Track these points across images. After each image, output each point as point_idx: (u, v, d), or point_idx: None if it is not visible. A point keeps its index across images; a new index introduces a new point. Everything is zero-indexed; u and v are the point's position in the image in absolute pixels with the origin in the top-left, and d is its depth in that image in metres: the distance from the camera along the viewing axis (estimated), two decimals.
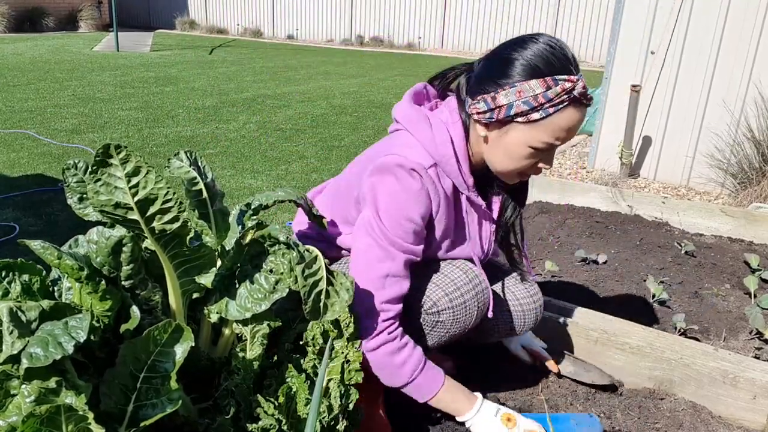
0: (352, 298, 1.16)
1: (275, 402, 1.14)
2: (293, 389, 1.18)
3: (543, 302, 1.59)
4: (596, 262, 2.56)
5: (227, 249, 1.16)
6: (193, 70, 8.89)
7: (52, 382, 0.89)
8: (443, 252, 1.42)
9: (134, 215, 1.03)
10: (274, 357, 1.29)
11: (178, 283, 1.14)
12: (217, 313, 1.17)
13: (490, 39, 13.49)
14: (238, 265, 1.20)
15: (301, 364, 1.25)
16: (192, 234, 1.10)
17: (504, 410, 1.38)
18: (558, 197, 3.36)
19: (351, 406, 1.21)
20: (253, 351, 1.20)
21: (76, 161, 1.22)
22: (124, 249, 1.11)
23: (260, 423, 1.12)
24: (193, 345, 1.01)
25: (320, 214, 1.40)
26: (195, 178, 1.15)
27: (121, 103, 6.22)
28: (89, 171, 1.01)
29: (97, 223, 1.17)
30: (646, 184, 4.14)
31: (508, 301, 1.55)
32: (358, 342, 1.26)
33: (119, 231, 1.11)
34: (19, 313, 0.92)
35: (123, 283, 1.13)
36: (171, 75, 8.32)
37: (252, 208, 1.23)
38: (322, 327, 1.24)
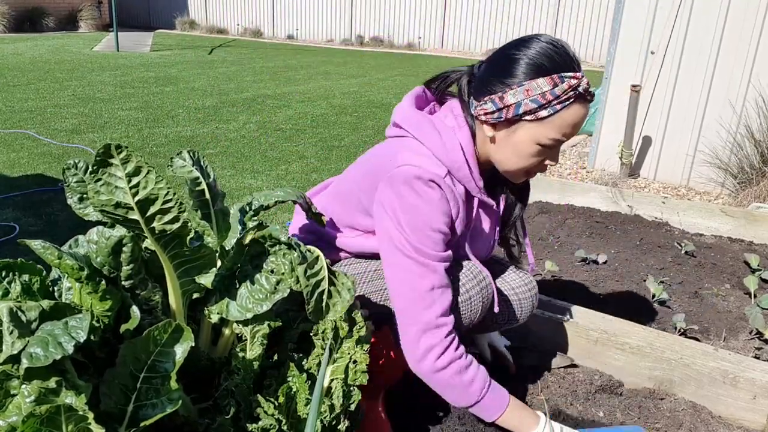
0: (354, 297, 1.16)
1: (275, 402, 1.14)
2: (294, 389, 1.18)
3: (537, 289, 1.61)
4: (596, 262, 2.56)
5: (227, 249, 1.16)
6: (193, 70, 8.89)
7: (52, 382, 0.89)
8: (455, 252, 1.42)
9: (134, 215, 1.04)
10: (275, 357, 1.29)
11: (178, 283, 1.14)
12: (218, 313, 1.17)
13: (490, 39, 13.49)
14: (239, 265, 1.20)
15: (303, 364, 1.25)
16: (192, 234, 1.11)
17: (567, 430, 1.36)
18: (558, 197, 3.36)
19: (353, 406, 1.21)
20: (253, 351, 1.20)
21: (76, 161, 1.22)
22: (124, 249, 1.11)
23: (260, 423, 1.12)
24: (193, 345, 1.01)
25: (319, 212, 1.40)
26: (198, 178, 1.15)
27: (121, 103, 6.22)
28: (90, 171, 1.01)
29: (97, 223, 1.17)
30: (646, 184, 4.14)
31: (504, 291, 1.57)
32: (367, 344, 1.24)
33: (119, 231, 1.11)
34: (19, 313, 0.92)
35: (123, 283, 1.13)
36: (171, 75, 8.32)
37: (253, 208, 1.23)
38: (334, 323, 1.23)
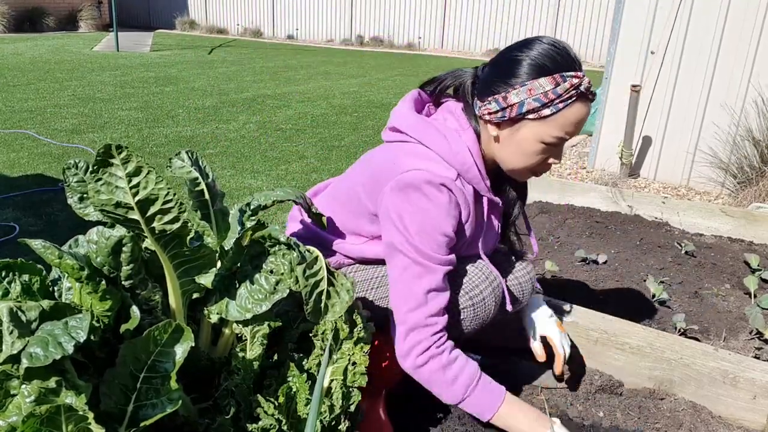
0: (353, 299, 1.16)
1: (275, 402, 1.14)
2: (294, 389, 1.18)
3: (534, 270, 1.64)
4: (596, 262, 2.56)
5: (227, 249, 1.16)
6: (193, 70, 8.89)
7: (52, 382, 0.89)
8: (463, 250, 1.43)
9: (135, 215, 1.04)
10: (275, 357, 1.29)
11: (178, 283, 1.14)
12: (218, 313, 1.17)
13: (490, 39, 13.49)
14: (238, 265, 1.20)
15: (303, 364, 1.25)
16: (192, 234, 1.11)
17: None
18: (558, 197, 3.36)
19: (353, 407, 1.21)
20: (253, 351, 1.20)
21: (76, 161, 1.22)
22: (124, 249, 1.11)
23: (260, 423, 1.12)
24: (193, 345, 1.01)
25: (319, 212, 1.40)
26: (197, 179, 1.15)
27: (121, 103, 6.22)
28: (90, 170, 1.01)
29: (97, 223, 1.17)
30: (646, 184, 4.14)
31: (506, 279, 1.58)
32: (367, 346, 1.24)
33: (119, 231, 1.11)
34: (19, 313, 0.92)
35: (123, 283, 1.13)
36: (171, 75, 8.32)
37: (251, 208, 1.23)
38: (334, 324, 1.23)
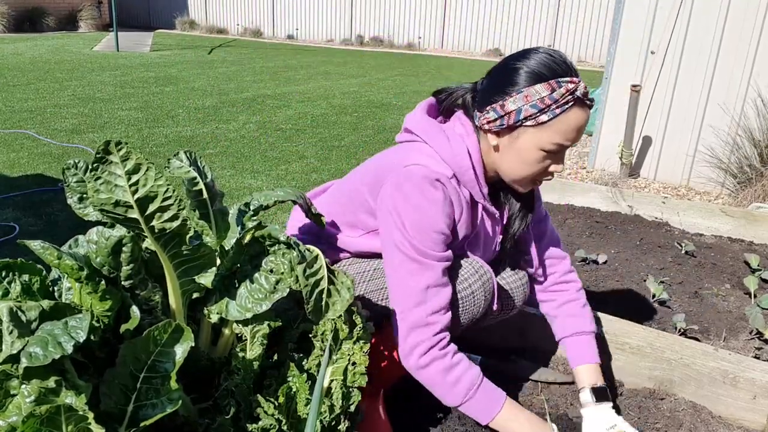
0: (354, 297, 1.16)
1: (275, 402, 1.14)
2: (294, 389, 1.18)
3: (528, 281, 1.62)
4: (596, 262, 2.56)
5: (227, 249, 1.16)
6: (193, 70, 8.89)
7: (51, 382, 0.89)
8: (455, 253, 1.42)
9: (134, 213, 1.03)
10: (275, 357, 1.29)
11: (178, 283, 1.14)
12: (218, 313, 1.17)
13: (490, 39, 13.49)
14: (238, 265, 1.20)
15: (303, 364, 1.25)
16: (192, 233, 1.10)
17: None
18: (558, 197, 3.36)
19: (353, 407, 1.21)
20: (253, 351, 1.20)
21: (76, 161, 1.22)
22: (124, 249, 1.11)
23: (260, 423, 1.12)
24: (193, 345, 1.00)
25: (318, 212, 1.40)
26: (195, 178, 1.15)
27: (121, 103, 6.22)
28: (90, 169, 1.01)
29: (97, 223, 1.17)
30: (646, 184, 4.14)
31: (498, 284, 1.57)
32: (367, 345, 1.24)
33: (119, 231, 1.11)
34: (19, 313, 0.92)
35: (123, 283, 1.13)
36: (171, 75, 8.32)
37: (252, 208, 1.23)
38: (334, 324, 1.23)
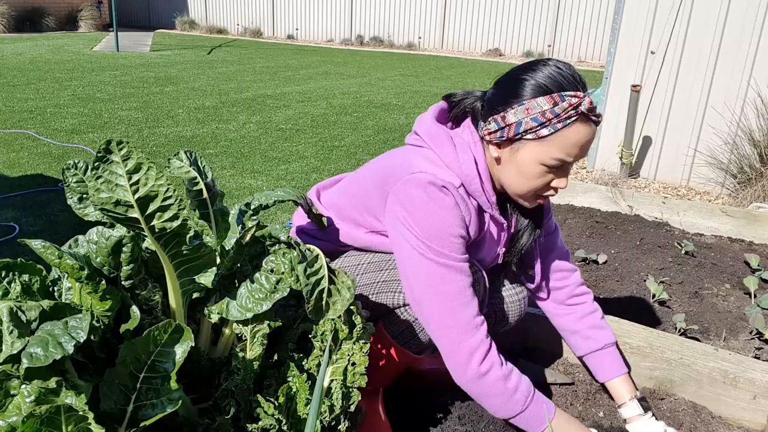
0: (354, 296, 1.16)
1: (275, 402, 1.14)
2: (294, 389, 1.18)
3: (527, 297, 1.60)
4: (596, 262, 2.56)
5: (227, 249, 1.16)
6: (193, 70, 8.89)
7: (52, 382, 0.89)
8: None
9: (134, 213, 1.03)
10: (274, 357, 1.29)
11: (178, 283, 1.14)
12: (218, 313, 1.17)
13: (490, 39, 13.49)
14: (238, 265, 1.20)
15: (303, 364, 1.25)
16: (192, 233, 1.10)
17: None
18: (558, 197, 3.36)
19: (353, 407, 1.21)
20: (253, 351, 1.20)
21: (76, 161, 1.22)
22: (124, 249, 1.11)
23: (260, 423, 1.12)
24: (193, 345, 1.01)
25: (319, 213, 1.40)
26: (195, 178, 1.15)
27: (121, 103, 6.22)
28: (91, 168, 1.01)
29: (97, 223, 1.17)
30: (646, 184, 4.14)
31: (494, 295, 1.56)
32: (367, 346, 1.24)
33: (119, 231, 1.11)
34: (19, 313, 0.92)
35: (123, 283, 1.13)
36: (171, 75, 8.32)
37: (252, 208, 1.23)
38: (334, 324, 1.23)
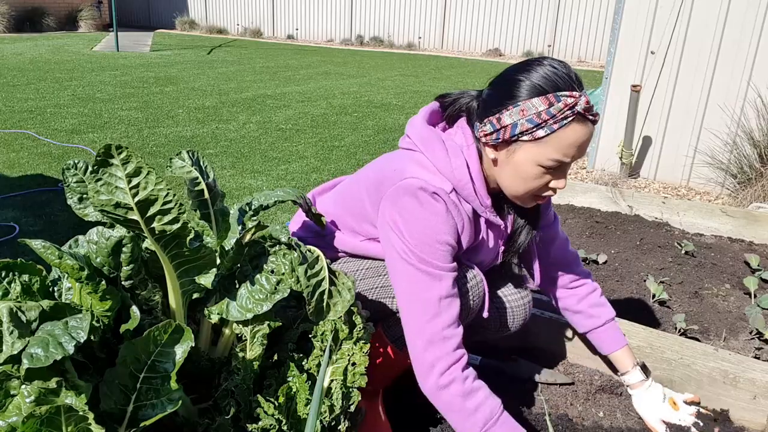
0: (354, 297, 1.16)
1: (275, 402, 1.14)
2: (294, 389, 1.18)
3: (532, 301, 1.59)
4: (596, 262, 2.56)
5: (227, 249, 1.16)
6: (193, 70, 8.89)
7: (52, 383, 0.89)
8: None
9: (134, 215, 1.03)
10: (275, 357, 1.29)
11: (178, 284, 1.14)
12: (218, 313, 1.17)
13: (490, 39, 13.49)
14: (239, 265, 1.20)
15: (303, 364, 1.25)
16: (192, 235, 1.10)
17: None
18: (558, 197, 3.36)
19: (353, 407, 1.21)
20: (253, 351, 1.20)
21: (76, 161, 1.22)
22: (124, 249, 1.11)
23: (260, 423, 1.12)
24: (193, 345, 1.01)
25: (319, 212, 1.40)
26: (197, 178, 1.15)
27: (121, 103, 6.22)
28: (90, 171, 1.01)
29: (97, 223, 1.17)
30: (646, 184, 4.14)
31: (497, 299, 1.56)
32: (367, 346, 1.24)
33: (119, 231, 1.11)
34: (19, 313, 0.92)
35: (123, 283, 1.13)
36: (171, 75, 8.32)
37: (252, 208, 1.23)
38: (334, 325, 1.23)
